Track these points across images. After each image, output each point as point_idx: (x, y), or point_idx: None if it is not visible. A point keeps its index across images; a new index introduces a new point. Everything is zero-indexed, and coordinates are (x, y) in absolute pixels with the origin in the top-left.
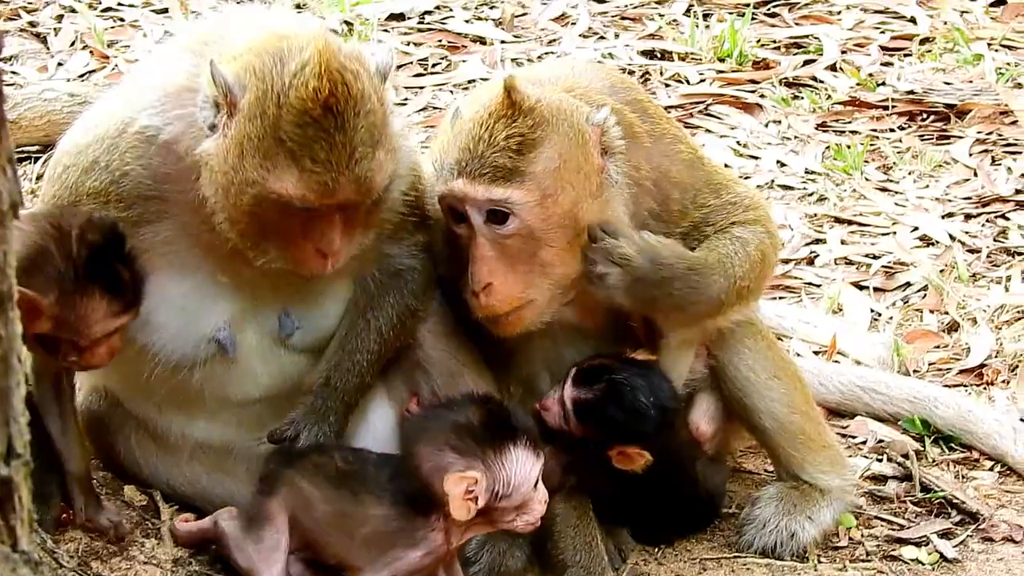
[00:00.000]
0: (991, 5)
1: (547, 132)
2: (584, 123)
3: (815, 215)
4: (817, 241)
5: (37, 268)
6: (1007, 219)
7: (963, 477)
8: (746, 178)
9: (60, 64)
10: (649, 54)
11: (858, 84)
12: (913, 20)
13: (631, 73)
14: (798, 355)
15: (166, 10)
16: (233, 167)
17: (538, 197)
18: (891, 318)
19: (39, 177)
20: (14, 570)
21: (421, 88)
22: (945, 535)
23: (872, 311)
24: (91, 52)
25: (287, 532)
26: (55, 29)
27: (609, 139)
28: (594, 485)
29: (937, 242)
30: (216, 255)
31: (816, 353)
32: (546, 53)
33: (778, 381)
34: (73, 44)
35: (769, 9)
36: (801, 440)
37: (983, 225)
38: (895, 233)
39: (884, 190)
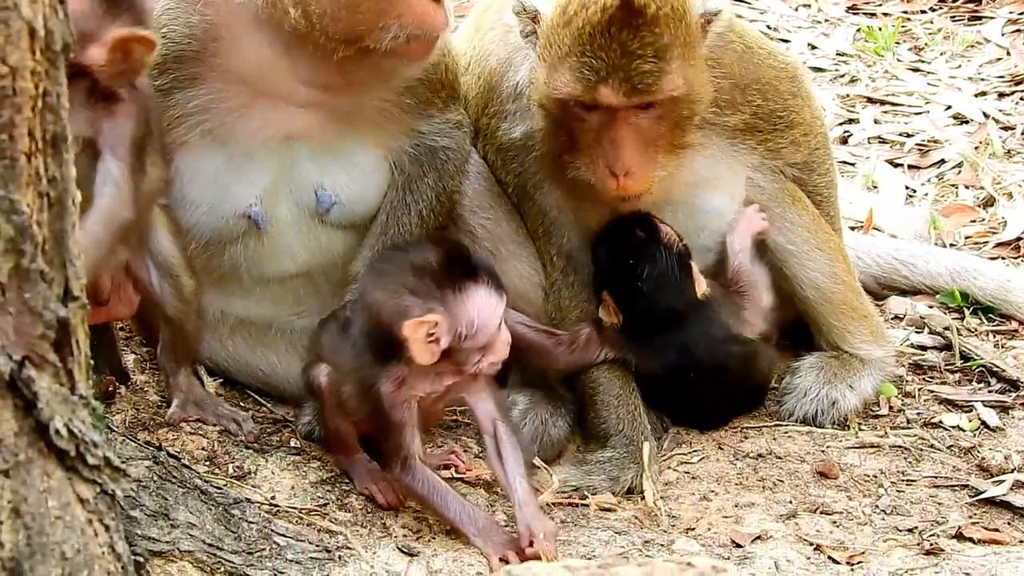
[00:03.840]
0: None
1: (671, 33)
2: (692, 13)
3: (847, 96)
4: (850, 121)
5: None
6: None
7: (1002, 347)
8: None
9: None
10: None
11: None
12: None
13: None
14: None
15: None
16: None
17: (681, 90)
18: (926, 194)
19: None
20: (74, 411)
21: None
22: (987, 403)
23: (907, 188)
24: None
25: None
26: None
27: (712, 28)
28: (639, 368)
29: (971, 120)
30: (260, 106)
31: (852, 229)
32: None
33: (820, 252)
34: None
35: None
36: (843, 310)
37: (1017, 103)
38: (928, 112)
39: (916, 70)
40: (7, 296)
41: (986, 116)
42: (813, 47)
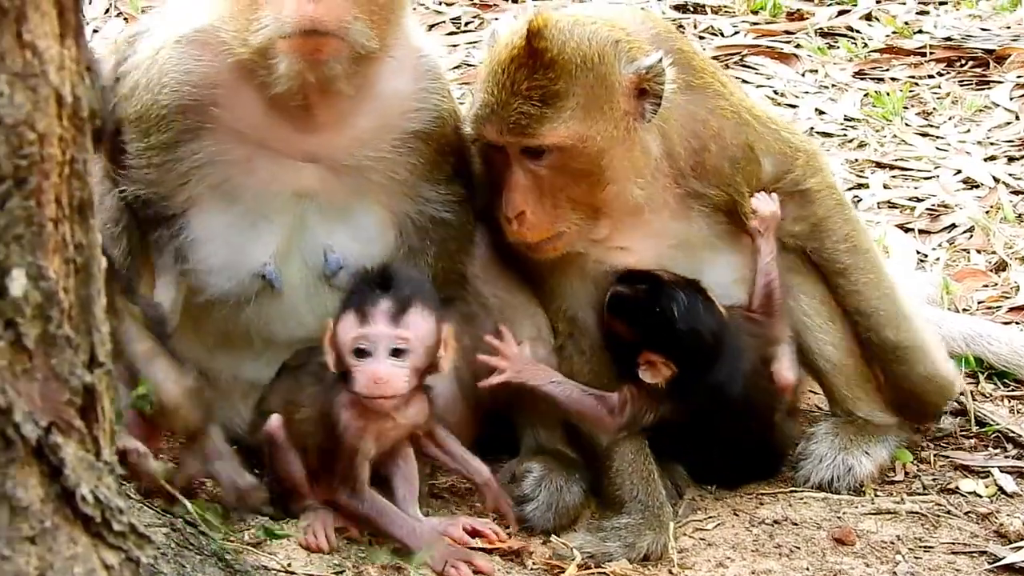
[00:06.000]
0: None
1: (570, 82)
2: (613, 70)
3: (856, 161)
4: (860, 186)
5: None
6: None
7: (1018, 412)
8: None
9: (95, 31)
10: (682, 8)
11: (894, 32)
12: None
13: None
14: None
15: None
16: None
17: (568, 141)
18: (938, 259)
19: None
20: (99, 478)
21: (455, 47)
22: (1003, 469)
23: (918, 252)
24: (125, 19)
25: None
26: None
27: (654, 85)
28: (667, 422)
29: (981, 184)
30: (264, 159)
31: None
32: None
33: (834, 325)
34: (107, 11)
35: None
36: (857, 381)
37: None
38: (938, 176)
39: (925, 135)
40: (34, 362)
41: (996, 180)
42: (821, 112)
